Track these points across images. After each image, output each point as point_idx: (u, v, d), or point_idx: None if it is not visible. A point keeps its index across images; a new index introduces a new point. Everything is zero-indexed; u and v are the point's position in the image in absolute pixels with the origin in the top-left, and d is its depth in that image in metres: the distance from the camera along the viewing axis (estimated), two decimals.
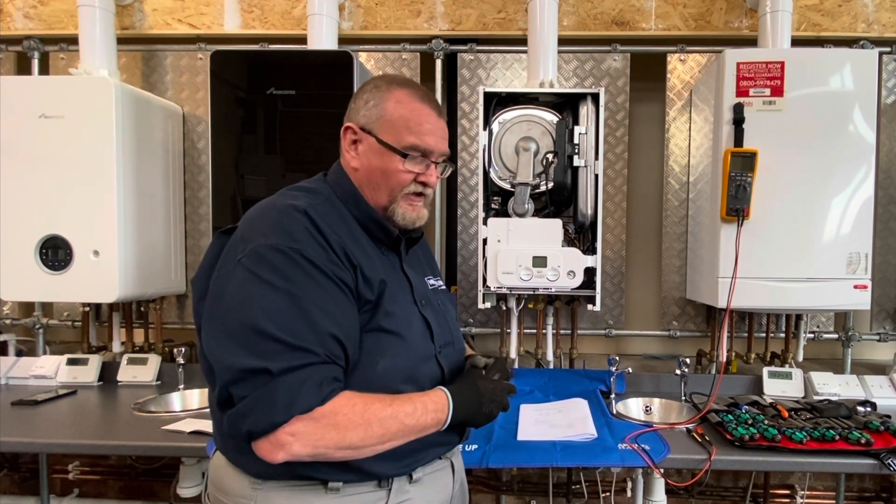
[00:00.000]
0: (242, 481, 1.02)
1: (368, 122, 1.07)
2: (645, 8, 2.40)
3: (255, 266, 0.93)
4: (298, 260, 0.94)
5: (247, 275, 0.93)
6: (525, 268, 1.97)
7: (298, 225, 0.97)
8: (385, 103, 1.06)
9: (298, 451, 0.90)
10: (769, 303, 1.98)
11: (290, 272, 0.93)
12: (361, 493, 1.02)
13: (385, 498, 1.04)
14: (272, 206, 1.02)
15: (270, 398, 0.88)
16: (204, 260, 1.06)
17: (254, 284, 0.92)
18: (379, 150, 1.06)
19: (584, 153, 2.06)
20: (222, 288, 0.96)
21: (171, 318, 2.56)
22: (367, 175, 1.08)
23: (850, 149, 1.94)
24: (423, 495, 1.09)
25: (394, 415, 0.97)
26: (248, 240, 0.96)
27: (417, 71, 2.48)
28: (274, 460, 0.90)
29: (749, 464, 1.62)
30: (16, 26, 2.51)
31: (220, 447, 1.08)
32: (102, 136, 2.06)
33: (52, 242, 2.08)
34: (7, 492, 2.68)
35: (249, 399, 0.89)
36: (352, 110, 1.10)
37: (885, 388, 2.11)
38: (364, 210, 1.08)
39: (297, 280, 0.93)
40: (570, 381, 2.22)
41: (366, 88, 1.10)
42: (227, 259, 0.98)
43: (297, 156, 2.06)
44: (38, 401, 2.03)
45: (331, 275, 0.96)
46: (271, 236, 0.95)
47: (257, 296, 0.92)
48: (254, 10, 2.47)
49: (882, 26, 2.34)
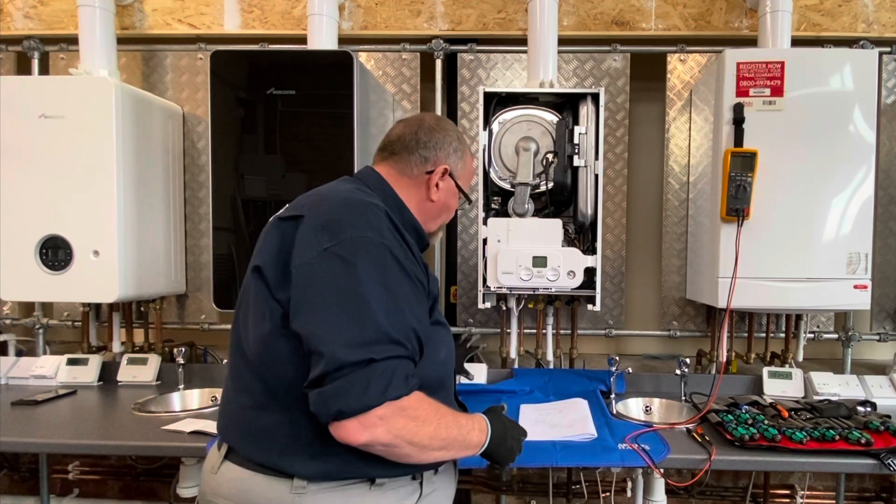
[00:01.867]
0: (280, 489, 1.00)
1: (455, 170, 1.24)
2: (645, 8, 2.40)
3: (351, 256, 0.97)
4: (388, 256, 1.00)
5: (343, 264, 0.96)
6: (525, 268, 1.96)
7: (383, 223, 1.03)
8: (465, 157, 1.27)
9: (381, 435, 0.93)
10: (769, 303, 1.98)
11: (384, 266, 0.99)
12: (400, 487, 1.07)
13: (419, 490, 1.10)
14: (353, 201, 1.06)
15: (366, 381, 0.92)
16: (265, 245, 1.07)
17: (352, 273, 0.96)
18: (455, 193, 1.26)
19: (584, 153, 2.06)
20: (314, 274, 0.97)
21: (171, 318, 2.55)
22: (439, 209, 1.24)
23: (849, 149, 1.94)
24: (444, 485, 1.18)
25: (455, 421, 1.06)
26: (337, 231, 0.99)
27: (417, 71, 2.48)
28: (356, 441, 0.93)
29: (749, 464, 1.63)
30: (16, 26, 2.51)
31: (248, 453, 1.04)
32: (102, 136, 2.06)
33: (52, 242, 2.08)
34: (7, 492, 2.68)
35: (345, 380, 0.91)
36: (442, 152, 1.22)
37: (885, 388, 2.11)
38: (406, 217, 1.19)
39: (390, 274, 0.99)
40: (570, 381, 2.22)
41: (451, 135, 1.24)
42: (309, 246, 0.99)
43: (297, 156, 2.06)
44: (38, 401, 2.03)
45: (412, 274, 1.03)
46: (364, 229, 1.00)
47: (356, 284, 0.95)
48: (254, 10, 2.48)
49: (882, 26, 2.34)
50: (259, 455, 1.03)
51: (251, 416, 1.04)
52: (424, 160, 1.20)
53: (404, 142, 1.21)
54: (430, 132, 1.22)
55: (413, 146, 1.21)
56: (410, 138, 1.21)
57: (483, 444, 1.13)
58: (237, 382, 1.09)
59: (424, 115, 1.28)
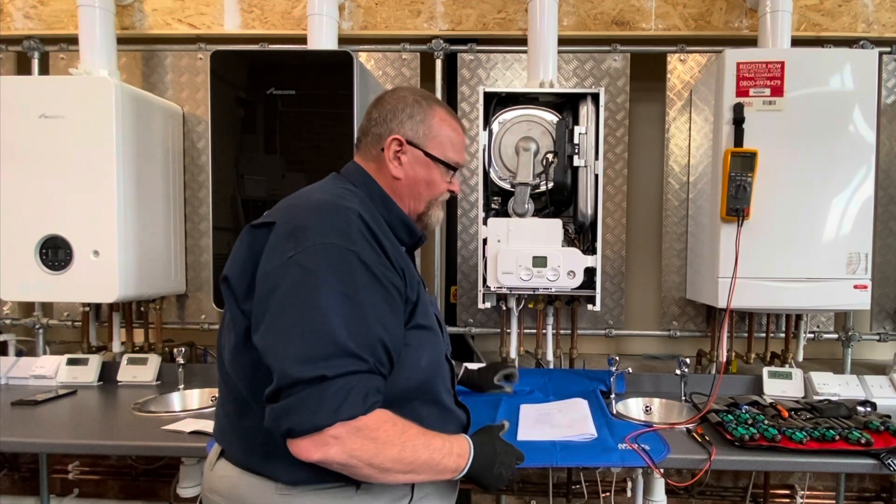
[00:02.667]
0: (266, 489, 1.00)
1: (416, 137, 1.13)
2: (645, 8, 2.40)
3: (312, 264, 0.92)
4: (355, 262, 0.94)
5: (303, 274, 0.92)
6: (525, 268, 1.96)
7: (353, 227, 0.97)
8: (431, 120, 1.14)
9: (334, 455, 0.90)
10: (769, 303, 1.98)
11: (348, 274, 0.93)
12: (389, 491, 1.04)
13: (409, 494, 1.07)
14: (323, 205, 1.00)
15: (318, 400, 0.88)
16: (237, 254, 1.03)
17: (312, 284, 0.91)
18: (426, 162, 1.14)
19: (584, 153, 2.06)
20: (274, 284, 0.93)
21: (171, 318, 2.55)
22: (410, 185, 1.14)
23: (849, 149, 1.93)
24: (440, 490, 1.14)
25: (426, 444, 0.99)
26: (301, 237, 0.94)
27: (417, 71, 2.48)
28: (308, 458, 0.90)
29: (749, 464, 1.62)
30: (16, 26, 2.51)
31: (236, 454, 1.05)
32: (102, 136, 2.06)
33: (52, 242, 2.08)
34: (7, 492, 2.68)
35: (296, 398, 0.88)
36: (392, 123, 1.13)
37: (885, 388, 2.11)
38: (393, 211, 1.12)
39: (354, 283, 0.93)
40: (570, 381, 2.22)
41: (405, 102, 1.14)
42: (274, 255, 0.95)
43: (297, 156, 2.06)
44: (38, 401, 2.03)
45: (383, 280, 0.97)
46: (328, 235, 0.94)
47: (315, 296, 0.91)
48: (254, 10, 2.48)
49: (882, 26, 2.34)
50: (245, 459, 1.03)
51: (235, 423, 1.04)
52: (378, 137, 1.13)
53: (363, 125, 1.16)
54: (381, 105, 1.14)
55: (367, 127, 1.14)
56: (366, 120, 1.15)
57: (462, 470, 1.06)
58: (222, 390, 1.09)
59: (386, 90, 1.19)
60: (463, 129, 1.21)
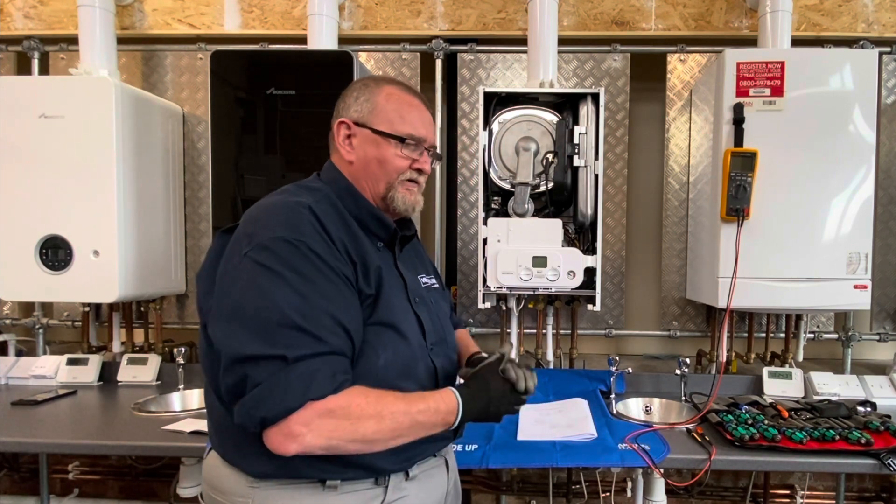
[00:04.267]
0: (239, 480, 1.02)
1: (362, 116, 1.11)
2: (645, 8, 2.40)
3: (263, 258, 0.94)
4: (306, 252, 0.95)
5: (256, 267, 0.94)
6: (525, 268, 1.96)
7: (303, 220, 0.98)
8: (376, 97, 1.11)
9: (312, 442, 0.90)
10: (769, 303, 1.98)
11: (299, 263, 0.94)
12: (359, 491, 1.03)
13: (382, 495, 1.05)
14: (275, 204, 1.03)
15: (285, 384, 0.88)
16: (206, 258, 1.07)
17: (264, 275, 0.93)
18: (374, 139, 1.10)
19: (584, 153, 2.06)
20: (230, 282, 0.96)
21: (171, 318, 2.55)
22: (363, 166, 1.11)
23: (849, 149, 1.94)
24: (419, 493, 1.10)
25: (406, 410, 0.97)
26: (254, 234, 0.97)
27: (417, 71, 2.48)
28: (287, 452, 0.90)
29: (749, 464, 1.62)
30: (16, 26, 2.51)
31: (216, 446, 1.08)
32: (102, 136, 2.06)
33: (52, 242, 2.08)
34: (7, 492, 2.67)
35: (264, 385, 0.88)
36: (341, 108, 1.14)
37: (885, 388, 2.11)
38: (362, 205, 1.11)
39: (306, 271, 0.94)
40: (570, 381, 2.22)
41: (354, 87, 1.15)
42: (232, 254, 0.98)
43: (297, 156, 2.06)
44: (38, 401, 2.03)
45: (336, 269, 0.97)
46: (278, 229, 0.96)
47: (269, 286, 0.92)
48: (254, 10, 2.47)
49: (882, 26, 2.34)
50: (221, 449, 1.06)
51: (213, 415, 1.07)
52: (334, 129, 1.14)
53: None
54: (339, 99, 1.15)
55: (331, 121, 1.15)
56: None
57: (453, 424, 1.03)
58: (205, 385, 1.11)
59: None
60: (424, 103, 1.16)
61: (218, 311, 0.96)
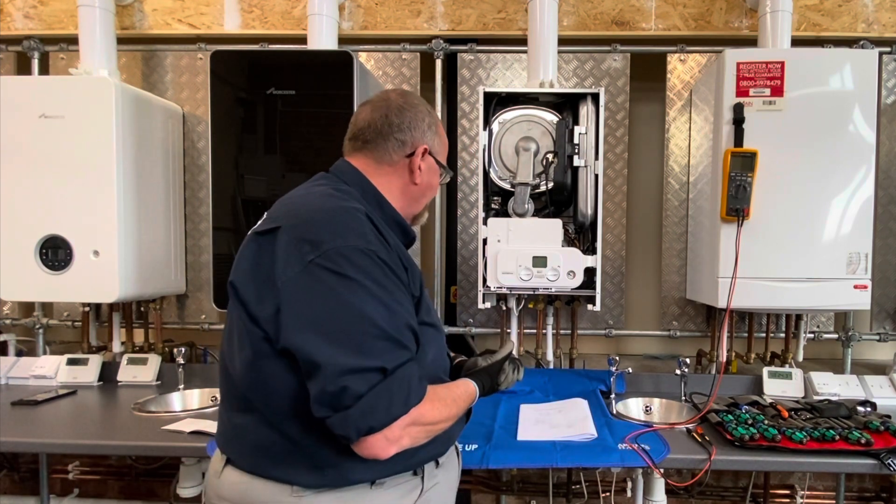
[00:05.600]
0: (279, 492, 1.01)
1: (433, 147, 1.20)
2: (645, 8, 2.40)
3: (340, 267, 0.94)
4: (377, 261, 0.97)
5: (332, 276, 0.93)
6: (525, 268, 1.97)
7: (366, 228, 1.00)
8: (439, 130, 1.22)
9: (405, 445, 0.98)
10: (769, 303, 1.98)
11: (375, 273, 0.96)
12: (400, 484, 1.07)
13: (420, 485, 1.10)
14: (334, 210, 1.02)
15: (389, 394, 0.92)
16: (242, 262, 1.04)
17: (347, 286, 0.94)
18: (436, 170, 1.22)
19: (584, 153, 2.06)
20: (304, 291, 0.94)
21: (171, 318, 2.55)
22: (422, 190, 1.20)
23: (849, 149, 1.93)
24: (445, 478, 1.18)
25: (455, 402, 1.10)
26: (320, 242, 0.95)
27: (417, 71, 2.48)
28: (386, 456, 0.95)
29: (749, 464, 1.63)
30: (16, 26, 2.51)
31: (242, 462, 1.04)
32: (102, 136, 2.06)
33: (52, 242, 2.08)
34: (7, 492, 2.68)
35: (369, 396, 0.91)
36: (417, 131, 1.17)
37: (885, 388, 2.11)
38: (388, 212, 1.15)
39: (382, 281, 0.97)
40: (570, 381, 2.22)
41: (421, 110, 1.19)
42: (291, 260, 0.96)
43: (297, 156, 2.06)
44: (38, 401, 2.03)
45: (399, 276, 1.02)
46: (350, 238, 0.96)
47: (354, 297, 0.93)
48: (254, 10, 2.47)
49: (882, 26, 2.34)
50: (257, 468, 1.03)
51: (245, 434, 1.04)
52: (402, 144, 1.15)
53: (376, 128, 1.14)
54: (401, 112, 1.15)
55: (387, 131, 1.14)
56: (382, 123, 1.14)
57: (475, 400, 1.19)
58: (228, 402, 1.08)
59: (389, 92, 1.21)
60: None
61: (297, 321, 0.94)
